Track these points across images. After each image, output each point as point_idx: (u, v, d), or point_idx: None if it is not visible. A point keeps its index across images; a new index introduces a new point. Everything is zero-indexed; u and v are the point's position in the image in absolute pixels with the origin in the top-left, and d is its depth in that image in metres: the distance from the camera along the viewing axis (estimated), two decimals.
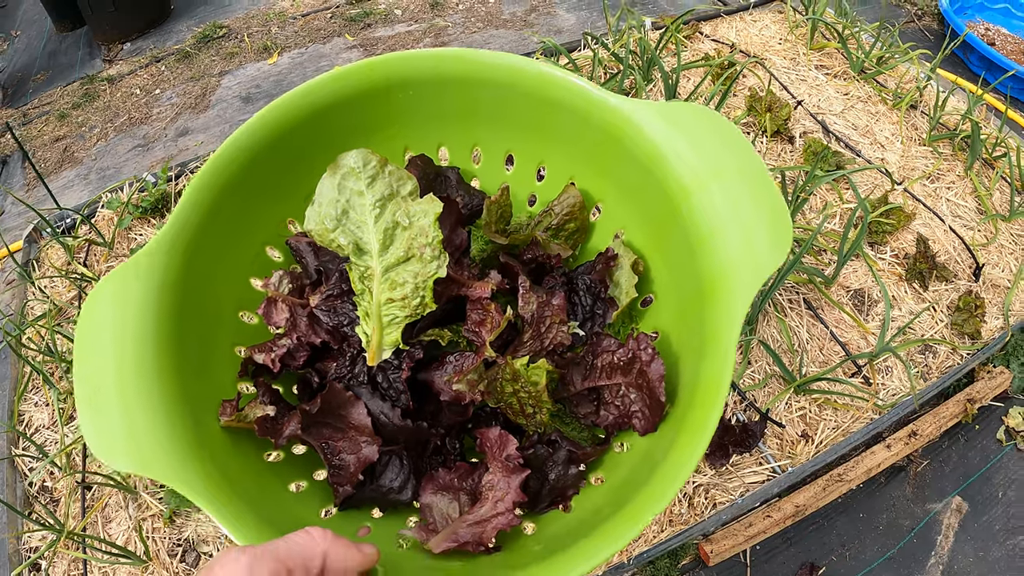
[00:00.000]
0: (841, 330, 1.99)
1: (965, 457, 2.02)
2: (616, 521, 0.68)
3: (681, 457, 0.70)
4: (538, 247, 1.00)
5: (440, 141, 1.06)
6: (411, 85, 0.98)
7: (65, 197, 3.20)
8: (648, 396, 0.82)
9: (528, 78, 0.96)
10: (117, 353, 0.74)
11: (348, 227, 0.86)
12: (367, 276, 0.86)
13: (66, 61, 4.21)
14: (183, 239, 0.83)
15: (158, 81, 3.79)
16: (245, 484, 0.75)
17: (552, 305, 0.91)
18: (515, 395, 0.87)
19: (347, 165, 0.86)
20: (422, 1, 3.85)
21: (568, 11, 3.65)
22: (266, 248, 0.98)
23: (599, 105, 0.93)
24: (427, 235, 0.85)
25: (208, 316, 0.87)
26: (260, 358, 0.89)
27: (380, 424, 0.85)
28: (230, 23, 4.03)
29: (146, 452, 0.69)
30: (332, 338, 0.91)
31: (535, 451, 0.85)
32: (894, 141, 2.40)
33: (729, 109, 2.51)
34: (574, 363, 0.91)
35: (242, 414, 0.82)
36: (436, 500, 0.84)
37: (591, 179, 1.03)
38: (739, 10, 2.79)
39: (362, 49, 3.68)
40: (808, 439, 1.80)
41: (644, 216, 0.97)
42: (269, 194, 0.95)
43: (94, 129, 3.58)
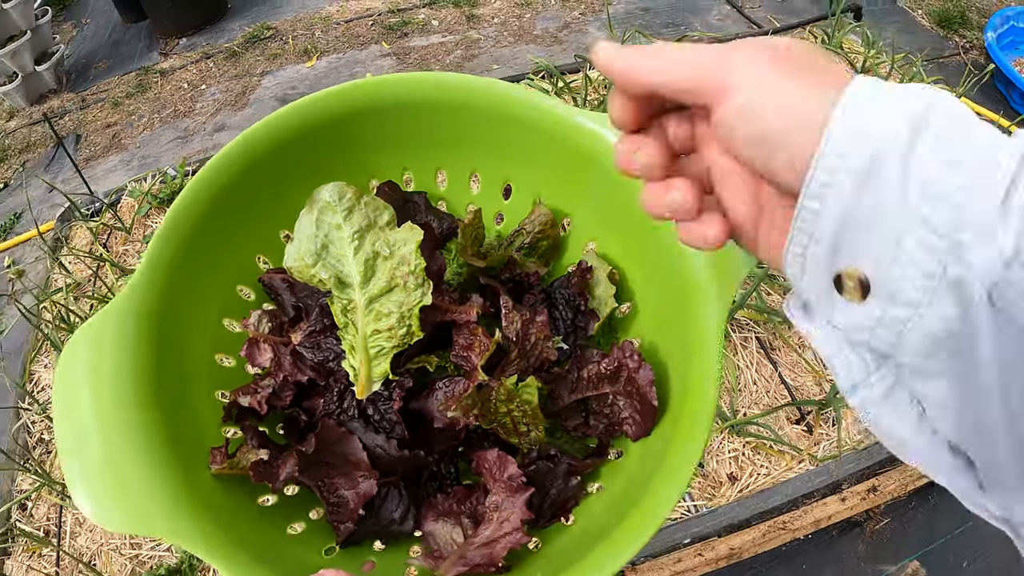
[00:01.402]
0: (795, 374, 1.92)
1: (932, 520, 1.91)
2: (619, 533, 0.69)
3: (680, 458, 0.71)
4: (515, 266, 1.00)
5: (404, 166, 1.05)
6: (373, 112, 0.98)
7: (108, 180, 3.36)
8: (639, 402, 0.82)
9: (490, 99, 0.96)
10: (97, 406, 0.73)
11: (328, 261, 0.86)
12: (350, 309, 0.86)
13: (127, 52, 4.41)
14: (156, 283, 0.83)
15: (205, 77, 3.93)
16: (242, 531, 0.75)
17: (536, 322, 0.91)
18: (508, 415, 0.86)
19: (323, 199, 0.86)
20: (459, 13, 3.89)
21: (599, 29, 3.63)
22: (238, 288, 0.97)
23: (563, 122, 0.93)
24: (409, 264, 0.85)
25: (187, 361, 0.87)
26: (245, 401, 0.88)
27: (376, 457, 0.85)
28: (278, 24, 4.15)
29: (141, 510, 0.68)
30: (318, 375, 0.91)
31: (536, 468, 0.85)
32: None
33: None
34: (561, 377, 0.91)
35: (234, 460, 0.81)
36: (438, 527, 0.84)
37: (559, 194, 1.03)
38: (760, 34, 2.71)
39: (395, 57, 3.74)
40: (735, 481, 1.74)
41: (616, 227, 0.97)
42: (238, 232, 0.94)
43: (142, 118, 3.74)
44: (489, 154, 1.03)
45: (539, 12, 3.91)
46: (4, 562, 1.75)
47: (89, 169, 3.49)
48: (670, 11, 3.76)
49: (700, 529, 1.70)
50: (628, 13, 3.81)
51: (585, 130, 0.92)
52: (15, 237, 3.35)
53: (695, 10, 3.75)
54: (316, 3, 4.39)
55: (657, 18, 3.71)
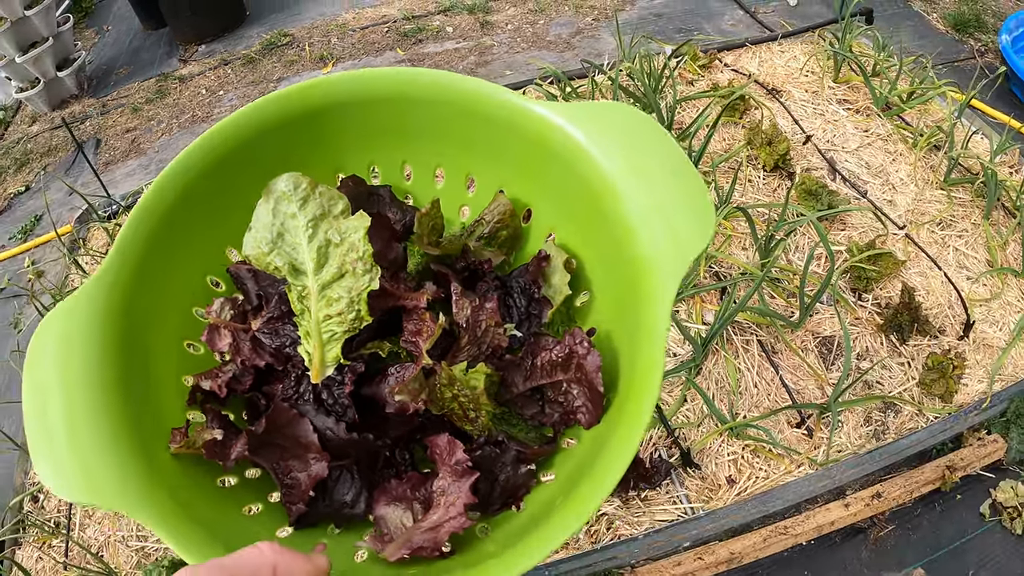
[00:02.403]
0: (797, 377, 1.92)
1: (937, 528, 1.89)
2: (562, 512, 0.70)
3: (622, 441, 0.72)
4: (469, 254, 1.01)
5: (371, 161, 1.07)
6: (340, 107, 1.00)
7: (127, 184, 3.41)
8: (588, 389, 0.83)
9: (452, 93, 0.98)
10: (65, 388, 0.76)
11: (284, 249, 0.88)
12: (305, 296, 0.88)
13: (147, 58, 4.48)
14: (125, 271, 0.85)
15: (223, 83, 3.98)
16: (200, 509, 0.77)
17: (486, 309, 0.92)
18: (455, 400, 0.88)
19: (279, 189, 0.88)
20: (473, 20, 3.92)
21: (612, 35, 3.65)
22: (208, 278, 1.00)
23: (523, 113, 0.95)
24: (358, 250, 0.86)
25: (154, 346, 0.89)
26: (206, 384, 0.90)
27: (327, 439, 0.86)
28: (295, 31, 4.20)
29: (99, 483, 0.71)
30: (276, 360, 0.93)
31: (483, 452, 0.86)
32: (908, 183, 2.27)
33: (733, 141, 2.44)
34: (514, 365, 0.92)
35: (190, 440, 0.83)
36: (389, 511, 0.85)
37: (520, 185, 1.04)
38: (767, 39, 2.71)
39: (410, 63, 3.78)
40: (733, 484, 1.74)
41: (573, 216, 0.98)
42: (206, 224, 0.97)
43: (161, 124, 3.80)
44: (453, 148, 1.05)
45: (552, 18, 3.92)
46: (15, 552, 1.82)
47: (108, 173, 3.55)
48: (683, 16, 3.76)
49: (700, 532, 1.69)
50: (641, 18, 3.81)
51: (541, 118, 0.93)
52: (35, 239, 3.40)
53: (708, 15, 3.75)
54: (333, 10, 4.43)
55: (670, 23, 3.71)
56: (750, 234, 2.13)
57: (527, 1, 4.12)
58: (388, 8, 4.33)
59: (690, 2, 3.88)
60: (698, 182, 0.83)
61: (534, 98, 1.04)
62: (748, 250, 2.12)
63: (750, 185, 2.31)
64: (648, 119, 0.89)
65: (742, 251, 2.13)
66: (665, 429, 1.78)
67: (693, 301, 2.01)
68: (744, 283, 2.01)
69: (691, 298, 2.02)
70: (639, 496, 1.69)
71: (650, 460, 1.70)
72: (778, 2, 3.79)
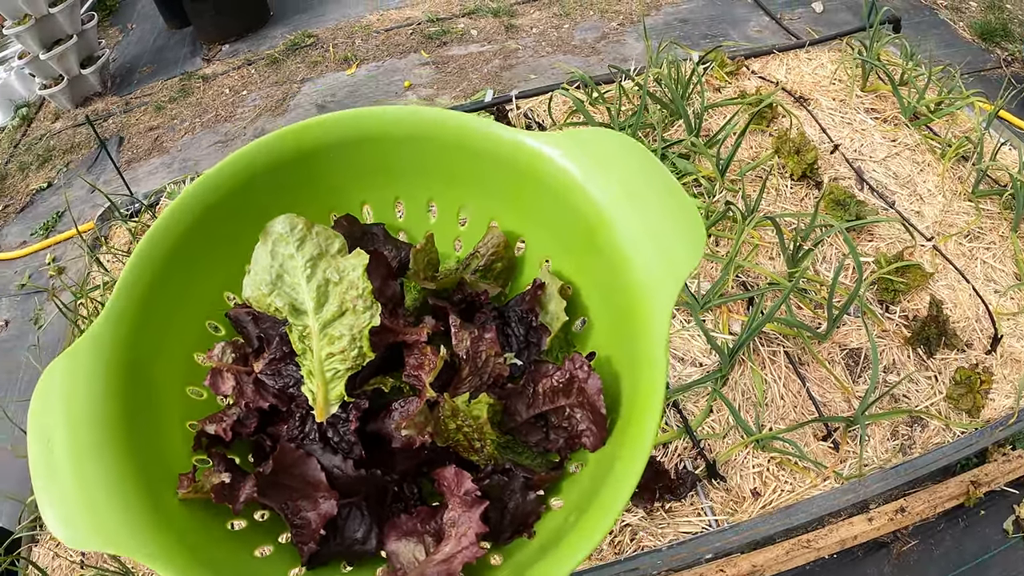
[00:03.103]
0: (824, 389, 1.90)
1: (960, 543, 1.87)
2: (573, 537, 0.71)
3: (626, 466, 0.73)
4: (466, 287, 1.02)
5: (363, 199, 1.08)
6: (330, 148, 1.00)
7: (150, 182, 3.44)
8: (591, 412, 0.83)
9: (439, 129, 0.99)
10: (71, 434, 0.77)
11: (283, 290, 0.88)
12: (306, 335, 0.88)
13: (171, 57, 4.51)
14: (125, 320, 0.86)
15: (246, 83, 4.00)
16: (210, 554, 0.78)
17: (485, 339, 0.92)
18: (460, 431, 0.88)
19: (276, 231, 0.88)
20: (498, 23, 3.93)
21: (638, 40, 3.65)
22: (207, 323, 1.00)
23: (511, 145, 0.95)
24: (357, 287, 0.87)
25: (157, 393, 0.89)
26: (211, 429, 0.90)
27: (335, 477, 0.86)
28: (319, 32, 4.22)
29: (108, 529, 0.71)
30: (280, 400, 0.93)
31: (491, 481, 0.85)
32: (936, 194, 2.25)
33: (760, 149, 2.43)
34: (516, 393, 0.92)
35: (198, 484, 0.83)
36: (401, 546, 0.85)
37: (511, 217, 1.05)
38: (794, 47, 2.70)
39: (434, 66, 3.79)
40: (758, 497, 1.73)
41: (566, 244, 0.98)
42: (204, 269, 0.97)
43: (184, 122, 3.83)
44: (443, 183, 1.06)
45: (578, 23, 3.93)
46: (32, 549, 1.82)
47: (131, 171, 3.57)
48: (709, 22, 3.75)
49: (722, 545, 1.68)
50: (667, 24, 3.81)
51: (530, 150, 0.94)
52: (56, 235, 3.42)
53: (733, 22, 3.74)
54: (357, 12, 4.45)
55: (695, 29, 3.71)
56: (777, 244, 2.12)
57: (552, 5, 4.13)
58: (412, 10, 4.34)
59: (716, 8, 3.89)
60: (687, 201, 0.83)
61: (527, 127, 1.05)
62: (775, 260, 2.11)
63: (777, 194, 2.30)
64: (636, 144, 0.89)
65: (769, 261, 2.12)
66: (691, 440, 1.77)
67: (720, 311, 2.00)
68: (771, 293, 2.00)
69: (718, 308, 2.01)
70: (663, 507, 1.69)
71: (676, 471, 1.69)
72: (804, 8, 3.78)
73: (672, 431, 1.81)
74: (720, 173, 2.26)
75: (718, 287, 1.98)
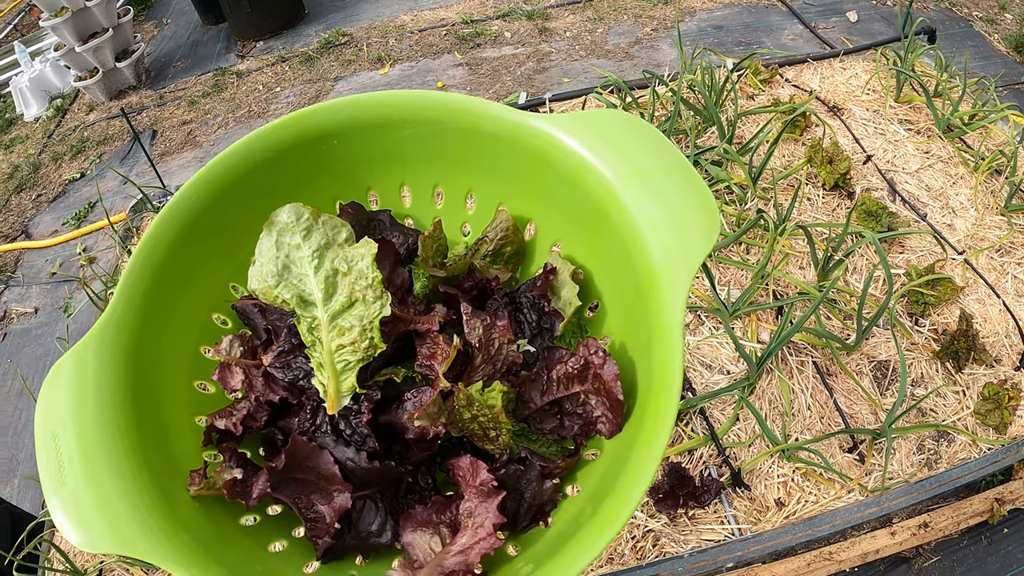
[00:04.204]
0: (851, 401, 1.90)
1: (983, 561, 1.86)
2: (592, 526, 0.69)
3: (645, 451, 0.71)
4: (476, 273, 1.00)
5: (369, 186, 1.06)
6: (334, 135, 0.99)
7: (182, 176, 3.48)
8: (607, 398, 0.82)
9: (445, 113, 0.97)
10: (79, 433, 0.76)
11: (290, 281, 0.86)
12: (315, 327, 0.86)
13: (205, 53, 4.56)
14: (131, 312, 0.85)
15: (280, 80, 4.04)
16: (223, 551, 0.77)
17: (497, 327, 0.90)
18: (475, 421, 0.87)
19: (281, 221, 0.87)
20: (532, 26, 3.94)
21: (671, 46, 3.65)
22: (213, 315, 0.99)
23: (519, 127, 0.94)
24: (367, 277, 0.85)
25: (164, 389, 0.88)
26: (221, 424, 0.89)
27: (348, 470, 0.85)
28: (353, 31, 4.25)
29: (124, 532, 0.70)
30: (290, 393, 0.91)
31: (507, 471, 0.85)
32: (968, 207, 2.24)
33: (793, 159, 2.43)
34: (530, 380, 0.91)
35: (210, 481, 0.82)
36: (417, 537, 0.83)
37: (521, 200, 1.03)
38: (829, 56, 2.69)
39: (468, 67, 3.80)
40: (781, 507, 1.73)
41: (577, 226, 0.97)
42: (208, 261, 0.96)
43: (217, 118, 3.87)
44: (450, 167, 1.04)
45: (611, 27, 3.93)
46: (55, 534, 1.81)
47: (163, 164, 3.61)
48: (743, 30, 3.74)
49: (744, 554, 1.68)
50: (700, 31, 3.81)
51: (538, 132, 0.92)
52: (88, 225, 3.46)
53: (767, 29, 3.73)
54: (391, 11, 4.47)
55: (729, 36, 3.70)
56: (807, 253, 2.12)
57: (586, 9, 4.13)
58: (447, 11, 4.36)
59: (750, 15, 3.88)
60: (700, 182, 0.82)
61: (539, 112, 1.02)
62: (806, 270, 2.11)
63: (808, 203, 2.29)
64: (646, 124, 0.88)
65: (799, 270, 2.11)
66: (716, 447, 1.77)
67: (748, 319, 2.00)
68: (801, 303, 1.99)
69: (747, 316, 2.00)
70: (687, 514, 1.69)
71: (700, 478, 1.69)
72: (839, 18, 3.76)
73: (698, 438, 1.81)
74: (752, 181, 2.26)
75: (748, 295, 1.98)
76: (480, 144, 0.98)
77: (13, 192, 3.91)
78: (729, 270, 2.15)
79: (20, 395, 2.88)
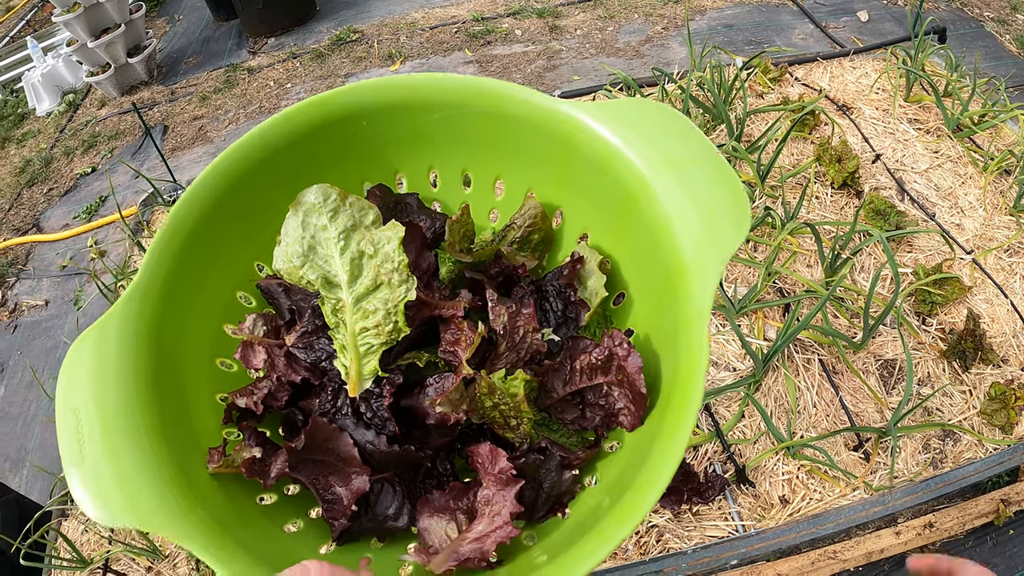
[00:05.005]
0: (856, 399, 1.91)
1: (989, 563, 1.86)
2: (611, 518, 0.69)
3: (667, 444, 0.71)
4: (503, 260, 1.00)
5: (396, 168, 1.06)
6: (362, 116, 0.98)
7: (192, 171, 3.50)
8: (630, 390, 0.82)
9: (473, 95, 0.97)
10: (100, 408, 0.76)
11: (316, 262, 0.86)
12: (339, 308, 0.86)
13: (216, 49, 4.59)
14: (155, 288, 0.85)
15: (291, 76, 4.06)
16: (239, 529, 0.76)
17: (523, 314, 0.90)
18: (496, 408, 0.86)
19: (308, 201, 0.87)
20: (542, 24, 3.94)
21: (681, 45, 3.65)
22: (237, 294, 0.99)
23: (550, 113, 0.93)
24: (393, 260, 0.85)
25: (186, 365, 0.88)
26: (242, 402, 0.89)
27: (367, 453, 0.85)
28: (364, 28, 4.27)
29: (142, 507, 0.70)
30: (312, 374, 0.92)
31: (526, 460, 0.84)
32: (977, 207, 2.24)
33: (802, 157, 2.43)
34: (553, 370, 0.90)
35: (229, 459, 0.83)
36: (433, 523, 0.83)
37: (549, 187, 1.02)
38: (839, 55, 2.69)
39: (478, 65, 3.81)
40: (786, 504, 1.74)
41: (605, 215, 0.96)
42: (233, 239, 0.96)
43: (228, 113, 3.89)
44: (479, 151, 1.03)
45: (622, 25, 3.93)
46: (62, 523, 1.83)
47: (174, 159, 3.63)
48: (753, 28, 3.74)
49: (747, 551, 1.69)
50: (711, 29, 3.80)
51: (569, 118, 0.91)
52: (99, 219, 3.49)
53: (778, 28, 3.72)
54: (402, 9, 4.48)
55: (739, 35, 3.70)
56: (814, 251, 2.13)
57: (597, 7, 4.13)
58: (457, 9, 4.37)
59: (761, 14, 3.87)
60: (731, 173, 0.81)
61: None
62: (812, 267, 2.11)
63: (816, 201, 2.30)
64: (677, 114, 0.87)
65: (807, 268, 2.12)
66: (721, 444, 1.78)
67: (755, 316, 2.01)
68: (808, 301, 2.00)
69: (754, 313, 2.01)
70: (691, 510, 1.70)
71: (704, 474, 1.70)
72: (850, 17, 3.76)
73: (703, 434, 1.82)
74: (760, 179, 2.27)
75: (755, 292, 1.99)
76: (511, 129, 0.98)
77: (25, 186, 3.93)
78: (736, 267, 2.16)
79: (30, 387, 2.89)
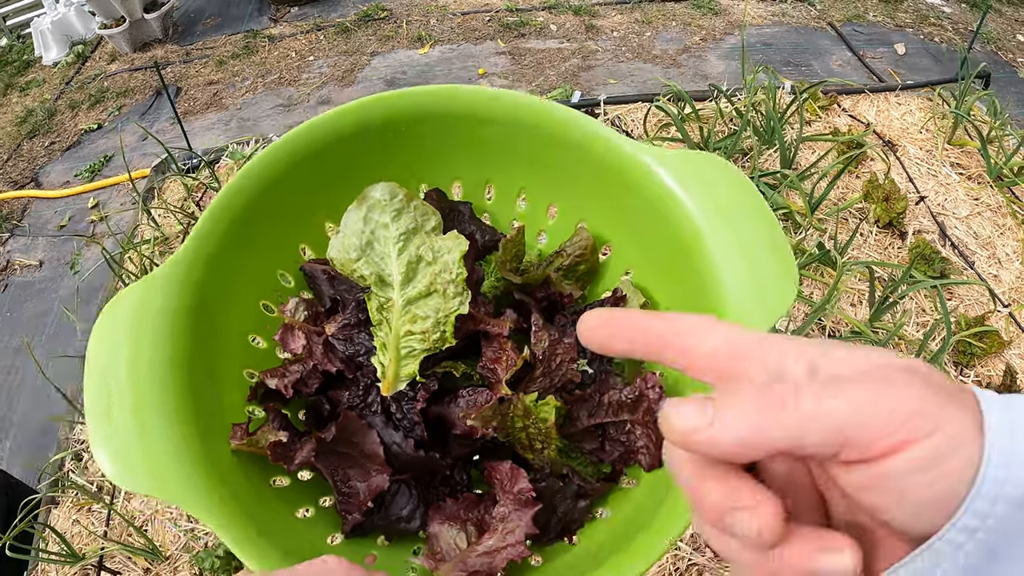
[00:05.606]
0: None
1: None
2: (626, 555, 0.70)
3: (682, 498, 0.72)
4: (550, 286, 1.02)
5: (455, 176, 1.08)
6: (422, 120, 1.00)
7: (204, 138, 3.44)
8: (654, 433, 0.84)
9: (538, 117, 0.98)
10: (132, 368, 0.77)
11: (372, 258, 0.88)
12: (386, 307, 0.88)
13: (236, 13, 4.52)
14: (202, 256, 0.87)
15: (314, 48, 4.01)
16: (257, 509, 0.78)
17: (564, 343, 0.92)
18: (524, 430, 0.88)
19: (374, 198, 0.89)
20: (578, 22, 3.92)
21: (719, 58, 3.64)
22: (279, 272, 1.01)
23: (612, 149, 0.94)
24: (451, 272, 0.87)
25: (221, 335, 0.90)
26: (272, 383, 0.91)
27: (392, 454, 0.87)
28: (393, 7, 4.23)
29: (164, 474, 0.72)
30: (347, 367, 0.94)
31: (547, 484, 0.86)
32: (1013, 259, 2.24)
33: (847, 191, 2.42)
34: (582, 400, 0.92)
35: (254, 439, 0.85)
36: (443, 530, 0.85)
37: (601, 220, 1.04)
38: (886, 89, 2.68)
39: (510, 56, 3.78)
40: None
41: (653, 258, 0.98)
42: (285, 220, 0.98)
43: (246, 81, 3.83)
44: (538, 173, 1.05)
45: (659, 32, 3.91)
46: (51, 511, 1.74)
47: (186, 123, 3.57)
48: (791, 50, 3.74)
49: None
50: (749, 46, 3.81)
51: (632, 157, 0.92)
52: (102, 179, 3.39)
53: (816, 52, 3.73)
54: None
55: (777, 55, 3.70)
56: (858, 290, 2.12)
57: (634, 11, 4.11)
58: None
59: (799, 36, 3.87)
60: (783, 241, 0.82)
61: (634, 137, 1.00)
62: (856, 307, 2.10)
63: (860, 238, 2.29)
64: (740, 173, 0.88)
65: (851, 307, 2.11)
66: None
67: None
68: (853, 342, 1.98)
69: None
70: None
71: None
72: (886, 48, 3.76)
73: None
74: (811, 209, 2.25)
75: (802, 329, 1.97)
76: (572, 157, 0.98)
77: (25, 137, 3.85)
78: None
79: (18, 352, 2.82)
